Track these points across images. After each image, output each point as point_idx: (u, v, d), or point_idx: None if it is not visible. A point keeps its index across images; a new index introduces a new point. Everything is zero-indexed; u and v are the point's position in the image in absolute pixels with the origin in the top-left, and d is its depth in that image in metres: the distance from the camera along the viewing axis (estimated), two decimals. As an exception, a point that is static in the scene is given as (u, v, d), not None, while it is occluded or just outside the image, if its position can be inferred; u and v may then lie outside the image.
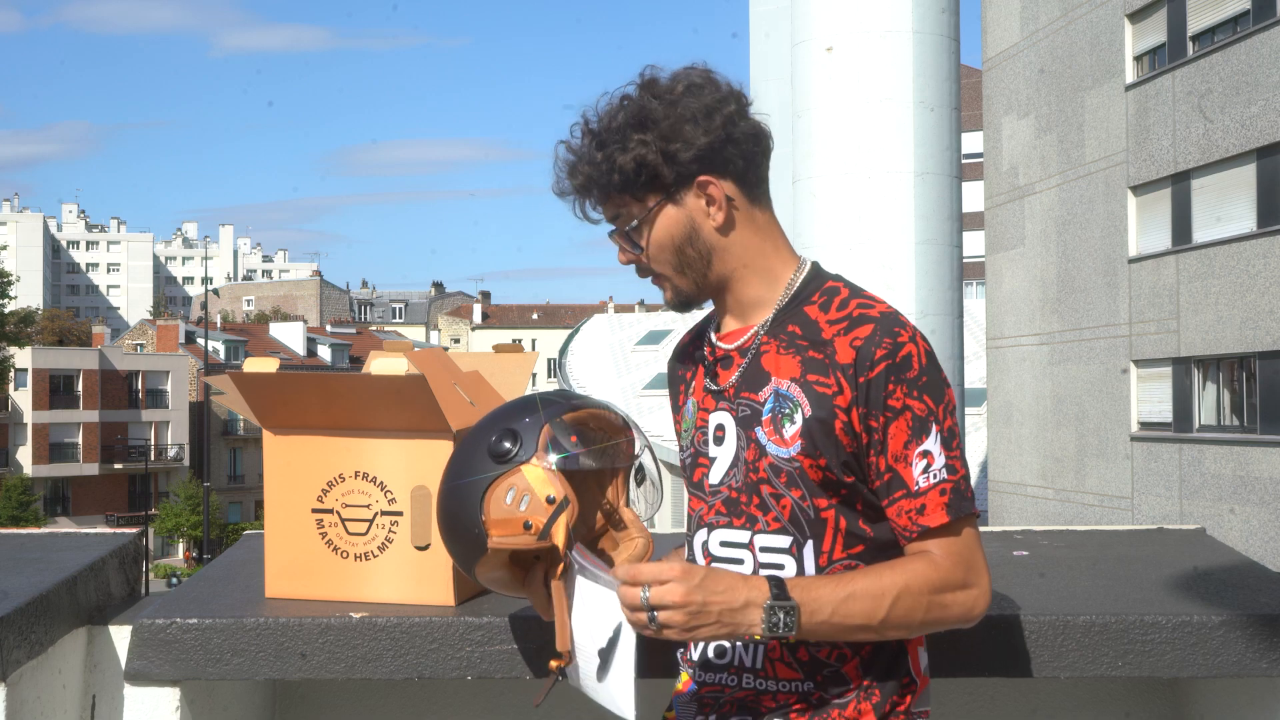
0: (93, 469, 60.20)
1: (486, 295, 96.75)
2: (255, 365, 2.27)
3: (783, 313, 1.84)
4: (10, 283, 53.55)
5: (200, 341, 64.52)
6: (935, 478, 1.73)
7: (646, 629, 1.66)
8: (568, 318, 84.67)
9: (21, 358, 57.87)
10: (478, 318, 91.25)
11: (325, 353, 77.04)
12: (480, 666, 2.22)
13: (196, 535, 53.61)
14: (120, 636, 2.38)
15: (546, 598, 1.86)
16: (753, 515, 1.82)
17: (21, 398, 58.67)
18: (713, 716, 1.85)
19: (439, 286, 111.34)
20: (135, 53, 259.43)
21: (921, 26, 7.35)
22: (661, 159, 1.78)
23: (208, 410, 56.84)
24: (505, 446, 1.82)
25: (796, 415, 1.78)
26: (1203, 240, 17.71)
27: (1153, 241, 18.75)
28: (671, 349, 2.06)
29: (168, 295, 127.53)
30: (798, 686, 1.80)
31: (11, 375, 56.53)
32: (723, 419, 1.87)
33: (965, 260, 9.29)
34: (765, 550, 1.81)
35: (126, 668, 2.26)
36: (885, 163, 7.38)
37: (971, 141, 30.20)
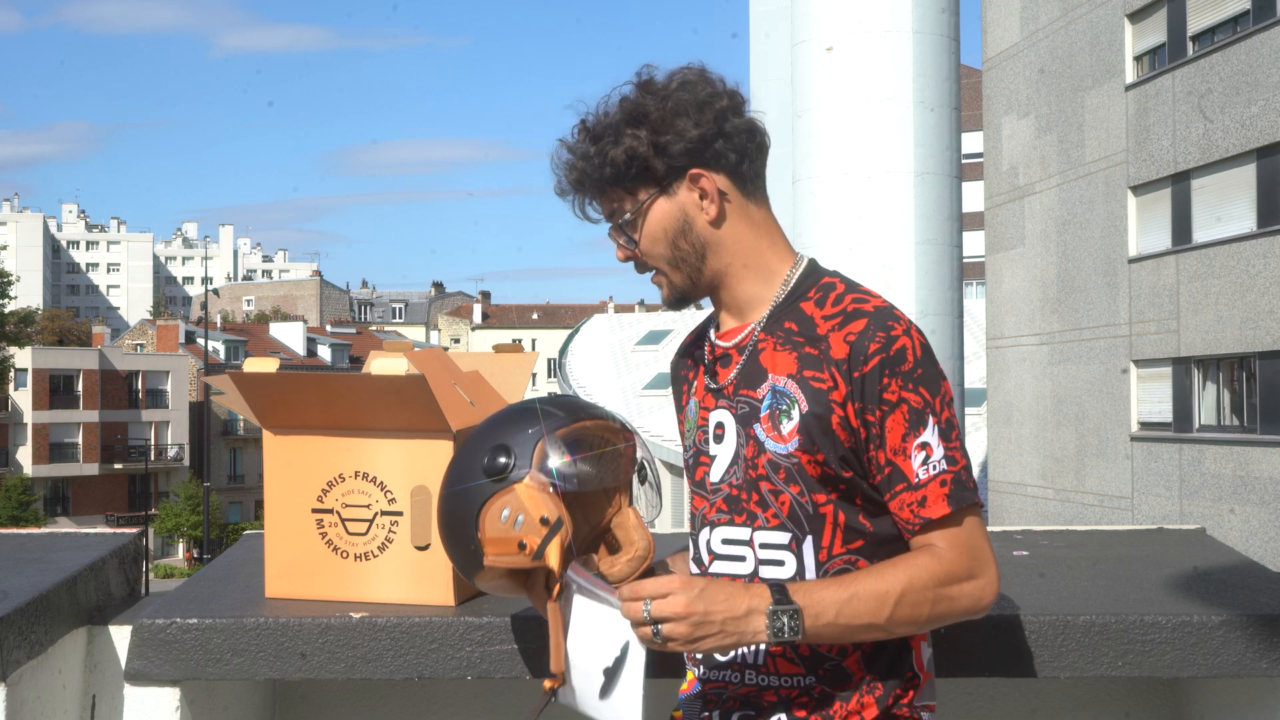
0: (93, 469, 60.19)
1: (486, 295, 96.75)
2: (255, 365, 2.27)
3: (779, 309, 1.85)
4: (10, 283, 53.54)
5: (200, 341, 64.52)
6: (935, 469, 1.74)
7: (652, 643, 1.67)
8: (568, 318, 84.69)
9: (21, 358, 57.87)
10: (478, 318, 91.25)
11: (325, 353, 77.04)
12: (480, 666, 2.22)
13: (196, 535, 53.58)
14: (120, 636, 2.38)
15: (547, 599, 1.86)
16: (753, 512, 1.83)
17: (21, 398, 58.66)
18: (717, 713, 1.86)
19: (439, 286, 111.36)
20: (135, 53, 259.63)
21: (921, 26, 7.35)
22: (652, 151, 1.79)
23: (208, 410, 56.84)
24: (500, 463, 1.82)
25: (794, 411, 1.79)
26: (1203, 240, 17.71)
27: (1153, 241, 18.75)
28: (673, 349, 2.07)
29: (168, 295, 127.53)
30: (800, 681, 1.81)
31: (11, 375, 56.53)
32: (722, 417, 1.88)
33: (965, 260, 9.29)
34: (765, 547, 1.82)
35: (126, 668, 2.26)
36: (885, 163, 7.38)
37: (971, 141, 30.20)
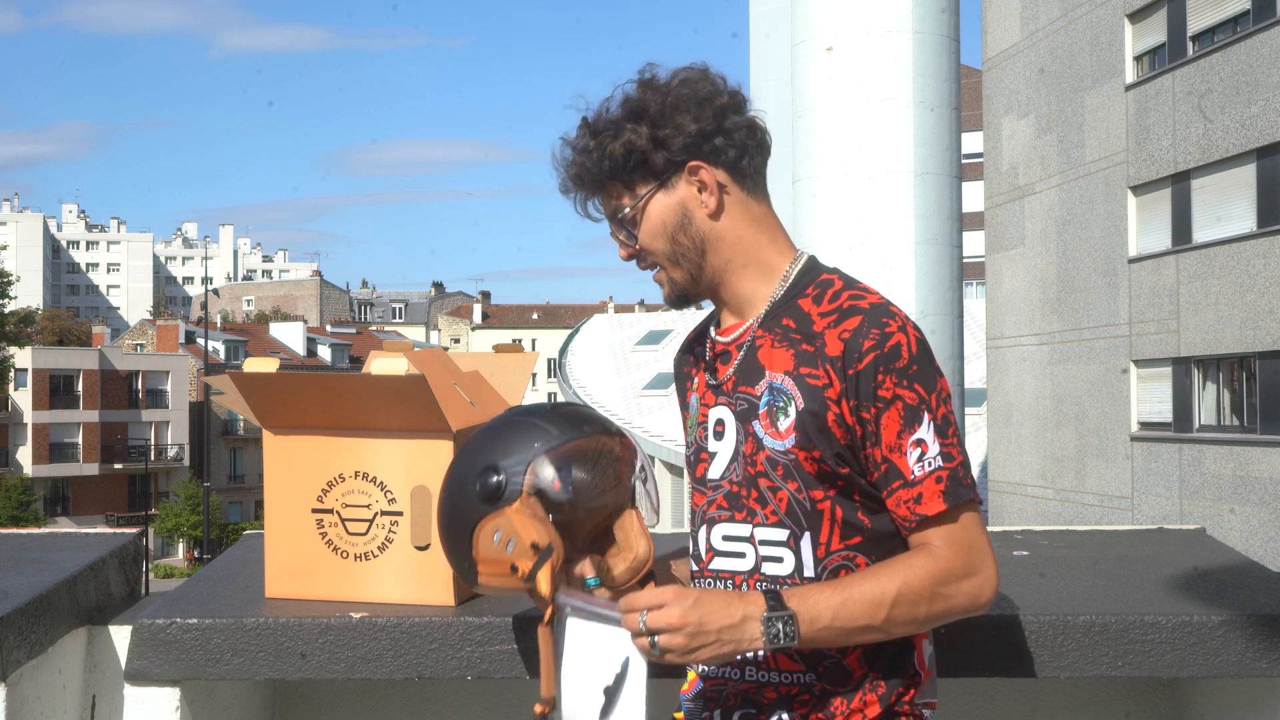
0: (93, 469, 60.19)
1: (486, 295, 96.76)
2: (255, 365, 2.27)
3: (778, 306, 1.85)
4: (10, 283, 53.53)
5: (200, 341, 64.51)
6: (930, 466, 1.73)
7: (650, 654, 1.67)
8: (568, 318, 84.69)
9: (21, 358, 57.87)
10: (478, 318, 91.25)
11: (325, 353, 77.03)
12: (480, 666, 2.22)
13: (196, 535, 53.57)
14: (120, 636, 2.38)
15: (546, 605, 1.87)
16: (752, 509, 1.83)
17: (21, 398, 58.66)
18: (718, 713, 1.86)
19: (439, 286, 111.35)
20: (135, 53, 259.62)
21: (921, 26, 7.35)
22: (651, 145, 1.80)
23: (208, 410, 56.84)
24: (492, 484, 1.82)
25: (790, 408, 1.79)
26: (1203, 240, 17.71)
27: (1153, 241, 18.75)
28: (673, 349, 2.07)
29: (168, 295, 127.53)
30: (800, 678, 1.81)
31: (11, 375, 56.52)
32: (722, 414, 1.88)
33: (965, 260, 9.29)
34: (764, 544, 1.82)
35: (126, 668, 2.26)
36: (885, 163, 7.38)
37: (971, 141, 30.20)
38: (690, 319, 34.63)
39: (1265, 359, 16.52)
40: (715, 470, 1.88)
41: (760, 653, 1.82)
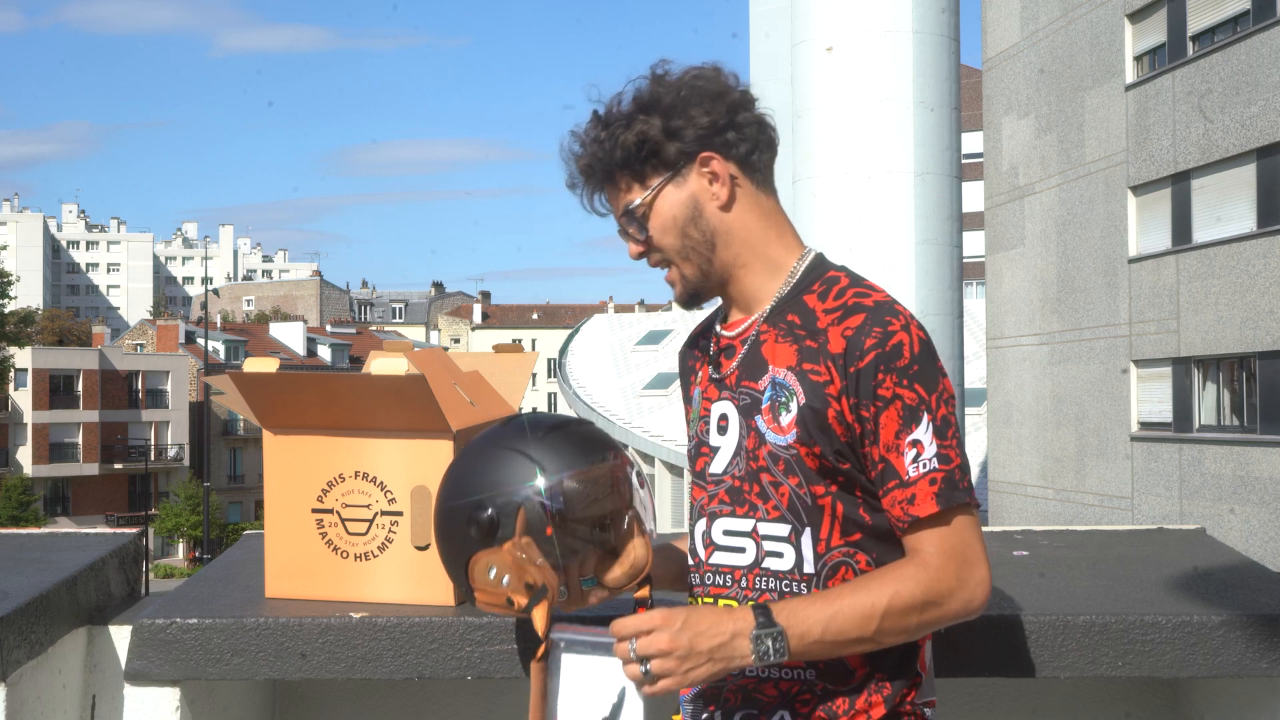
0: (93, 469, 60.19)
1: (486, 295, 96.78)
2: (255, 365, 2.27)
3: (783, 302, 1.85)
4: (10, 283, 53.54)
5: (200, 341, 64.52)
6: (925, 467, 1.73)
7: (643, 681, 1.67)
8: (568, 318, 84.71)
9: (21, 358, 57.87)
10: (478, 318, 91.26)
11: (325, 353, 77.03)
12: (480, 666, 2.22)
13: (196, 535, 53.59)
14: (120, 636, 2.38)
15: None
16: (754, 504, 1.83)
17: (21, 398, 58.66)
18: (719, 713, 1.85)
19: (439, 286, 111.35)
20: (135, 53, 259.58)
21: (921, 26, 7.35)
22: (664, 136, 1.80)
23: (208, 410, 56.83)
24: (485, 520, 1.80)
25: (792, 404, 1.79)
26: (1203, 240, 17.71)
27: (1153, 241, 18.75)
28: (673, 349, 2.07)
29: (168, 295, 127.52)
30: (800, 675, 1.81)
31: (11, 375, 56.53)
32: (725, 408, 1.88)
33: (965, 260, 9.29)
34: (766, 539, 1.82)
35: (126, 668, 2.26)
36: (885, 163, 7.39)
37: (971, 141, 30.21)
38: (692, 319, 34.64)
39: (1265, 359, 16.52)
40: (717, 465, 1.88)
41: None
